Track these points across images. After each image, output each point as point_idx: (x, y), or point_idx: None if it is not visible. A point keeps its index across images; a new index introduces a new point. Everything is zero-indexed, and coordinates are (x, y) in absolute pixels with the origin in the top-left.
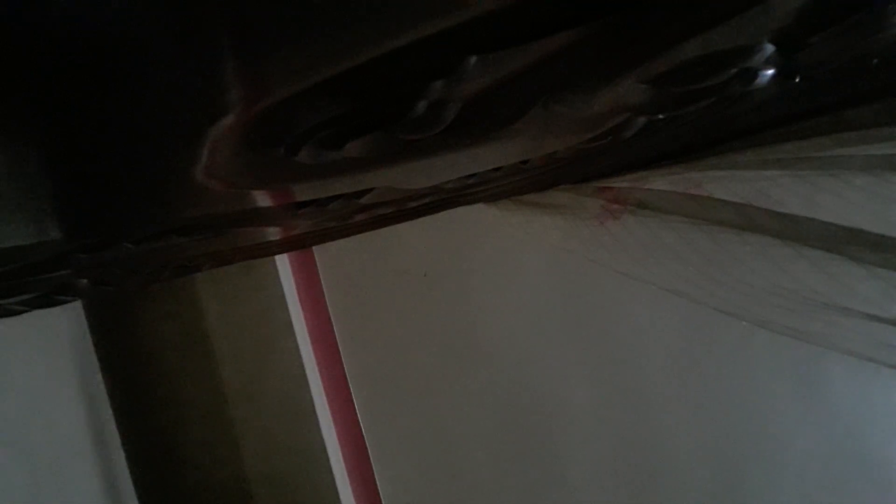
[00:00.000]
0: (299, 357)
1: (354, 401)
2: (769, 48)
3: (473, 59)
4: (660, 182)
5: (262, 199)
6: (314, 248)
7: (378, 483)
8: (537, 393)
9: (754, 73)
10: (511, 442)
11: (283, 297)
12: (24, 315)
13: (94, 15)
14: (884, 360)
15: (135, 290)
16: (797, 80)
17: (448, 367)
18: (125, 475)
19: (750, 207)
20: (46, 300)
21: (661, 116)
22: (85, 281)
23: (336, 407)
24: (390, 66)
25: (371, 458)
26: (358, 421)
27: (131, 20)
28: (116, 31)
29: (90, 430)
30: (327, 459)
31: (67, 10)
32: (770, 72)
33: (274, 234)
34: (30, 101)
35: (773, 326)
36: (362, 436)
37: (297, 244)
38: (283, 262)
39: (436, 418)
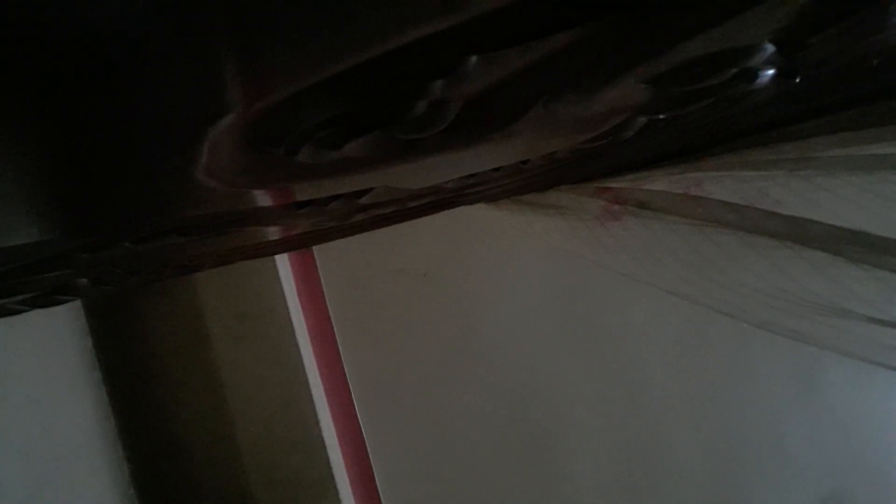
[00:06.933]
0: (299, 357)
1: (354, 401)
2: (769, 48)
3: (473, 59)
4: (660, 182)
5: (262, 199)
6: (314, 248)
7: (378, 483)
8: (537, 393)
9: (755, 73)
10: (511, 441)
11: (283, 297)
12: (24, 315)
13: (94, 14)
14: (883, 362)
15: (135, 289)
16: (798, 80)
17: (448, 366)
18: (125, 474)
19: (750, 208)
20: (46, 300)
21: (661, 116)
22: (85, 281)
23: (336, 407)
24: (390, 66)
25: (371, 458)
26: (358, 421)
27: (131, 19)
28: (116, 30)
29: (90, 430)
30: (327, 459)
31: (66, 9)
32: (770, 72)
33: (274, 234)
34: (29, 100)
35: (772, 328)
36: (362, 436)
37: (297, 244)
38: (283, 262)
39: (436, 418)
